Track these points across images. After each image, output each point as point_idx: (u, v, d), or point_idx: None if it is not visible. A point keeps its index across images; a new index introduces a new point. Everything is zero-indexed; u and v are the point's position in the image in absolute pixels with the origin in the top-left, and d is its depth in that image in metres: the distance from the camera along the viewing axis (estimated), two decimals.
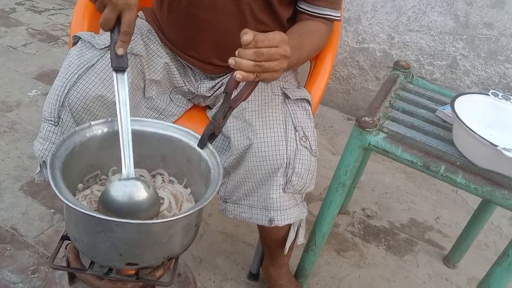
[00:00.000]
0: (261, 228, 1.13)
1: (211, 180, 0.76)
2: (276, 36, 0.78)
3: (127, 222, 0.64)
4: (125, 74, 0.78)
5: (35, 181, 1.07)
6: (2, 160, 1.57)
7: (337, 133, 2.11)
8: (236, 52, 0.77)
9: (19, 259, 1.25)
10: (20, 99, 1.90)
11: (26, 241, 1.31)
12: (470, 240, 1.47)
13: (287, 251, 1.11)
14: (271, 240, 1.14)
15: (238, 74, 0.76)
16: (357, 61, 2.11)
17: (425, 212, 1.76)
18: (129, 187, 0.72)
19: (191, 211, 0.66)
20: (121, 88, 0.77)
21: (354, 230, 1.61)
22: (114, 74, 0.78)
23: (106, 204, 0.70)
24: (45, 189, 1.48)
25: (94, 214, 0.62)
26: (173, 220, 0.64)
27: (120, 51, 0.78)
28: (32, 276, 1.22)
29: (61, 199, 0.63)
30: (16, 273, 1.22)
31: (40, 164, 1.04)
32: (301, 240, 1.10)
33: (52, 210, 1.42)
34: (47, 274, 1.22)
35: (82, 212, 0.62)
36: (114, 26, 0.78)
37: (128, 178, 0.73)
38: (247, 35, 0.75)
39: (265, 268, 1.26)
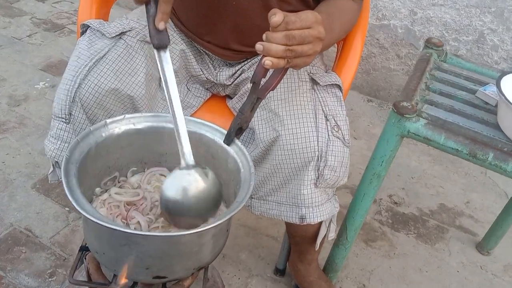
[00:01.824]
0: (289, 224, 1.06)
1: (241, 181, 0.68)
2: (309, 16, 0.69)
3: (152, 235, 0.57)
4: (168, 51, 0.69)
5: (49, 181, 1.01)
6: (13, 157, 1.51)
7: (357, 116, 2.02)
8: (264, 36, 0.68)
9: (35, 262, 1.20)
10: (28, 92, 1.83)
11: (41, 243, 1.25)
12: (506, 226, 1.39)
13: (318, 247, 1.04)
14: (300, 237, 1.07)
15: (267, 61, 0.68)
16: (377, 39, 2.01)
17: (454, 196, 1.68)
18: (192, 176, 0.64)
19: (224, 219, 0.59)
20: (167, 68, 0.68)
21: (381, 218, 1.53)
22: (156, 52, 0.69)
23: (168, 198, 0.64)
24: (58, 186, 1.42)
25: (117, 228, 0.55)
26: (204, 230, 0.57)
27: (161, 25, 0.68)
28: (49, 279, 1.16)
29: (80, 212, 0.56)
30: (33, 277, 1.16)
31: (53, 164, 0.98)
32: (332, 235, 1.03)
33: (67, 209, 1.36)
34: (65, 277, 1.17)
35: (104, 226, 0.55)
36: None
37: (188, 167, 0.66)
38: (277, 16, 0.66)
39: (292, 264, 1.20)
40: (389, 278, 1.33)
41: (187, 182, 0.63)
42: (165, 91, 0.69)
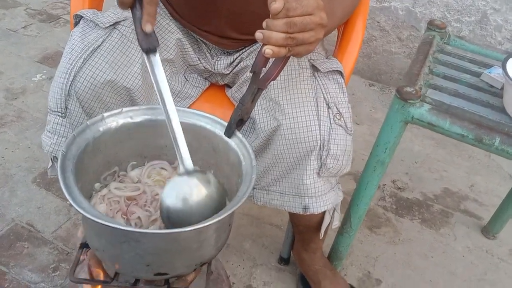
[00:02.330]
0: (292, 213, 1.05)
1: (243, 174, 0.67)
2: (310, 1, 0.66)
3: (151, 233, 0.55)
4: (157, 54, 0.68)
5: (49, 176, 0.99)
6: (12, 151, 1.50)
7: (359, 101, 1.99)
8: (264, 23, 0.66)
9: (38, 257, 1.19)
10: (25, 85, 1.80)
11: (44, 237, 1.24)
12: None
13: (322, 236, 1.03)
14: (304, 226, 1.06)
15: (267, 50, 0.65)
16: (377, 22, 1.97)
17: (458, 180, 1.66)
18: (192, 181, 0.63)
19: (225, 214, 0.58)
20: (158, 72, 0.67)
21: (385, 204, 1.52)
22: (145, 56, 0.68)
23: (169, 207, 0.62)
24: (58, 180, 1.41)
25: (115, 226, 0.54)
26: (204, 226, 0.55)
27: (148, 28, 0.66)
28: (53, 274, 1.16)
29: (77, 210, 0.55)
30: (36, 272, 1.16)
31: (51, 159, 0.96)
32: (336, 224, 1.02)
33: (68, 202, 1.35)
34: (69, 271, 1.16)
35: (102, 224, 0.54)
36: (134, 0, 0.67)
37: (187, 172, 0.64)
38: (277, 3, 0.64)
39: (297, 253, 1.19)
40: (394, 265, 1.33)
41: (187, 189, 0.62)
42: (158, 96, 0.67)
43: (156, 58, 0.67)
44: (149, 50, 0.67)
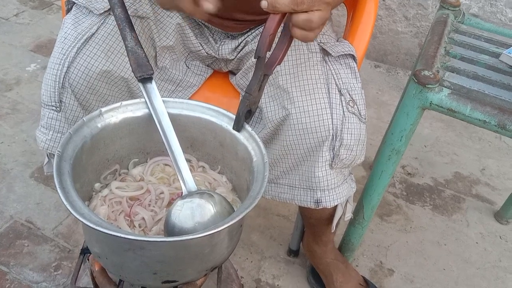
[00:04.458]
0: (303, 207, 1.00)
1: (254, 171, 0.61)
2: None
3: (159, 241, 0.50)
4: (153, 81, 0.67)
5: (45, 173, 0.94)
6: (8, 145, 1.45)
7: (365, 83, 1.92)
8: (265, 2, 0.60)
9: (39, 256, 1.15)
10: (19, 75, 1.74)
11: (44, 235, 1.20)
12: None
13: (334, 229, 0.99)
14: (315, 219, 1.01)
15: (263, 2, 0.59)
16: (383, 0, 1.90)
17: (469, 163, 1.61)
18: (195, 204, 0.60)
19: (238, 218, 0.53)
20: (156, 100, 0.66)
21: (396, 191, 1.47)
22: (141, 86, 0.66)
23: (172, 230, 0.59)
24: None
25: (118, 234, 0.49)
26: (216, 232, 0.51)
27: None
28: (55, 273, 1.12)
29: (75, 217, 0.50)
30: (37, 271, 1.12)
31: (47, 155, 0.91)
32: (349, 215, 0.97)
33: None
34: (71, 269, 1.12)
35: (103, 232, 0.49)
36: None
37: (190, 194, 0.62)
38: None
39: (307, 245, 1.14)
40: (407, 254, 1.29)
41: (192, 212, 0.58)
42: (156, 123, 0.66)
43: (153, 86, 0.66)
44: (144, 78, 0.66)
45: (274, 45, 0.66)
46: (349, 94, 0.83)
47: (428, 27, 1.87)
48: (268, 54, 0.66)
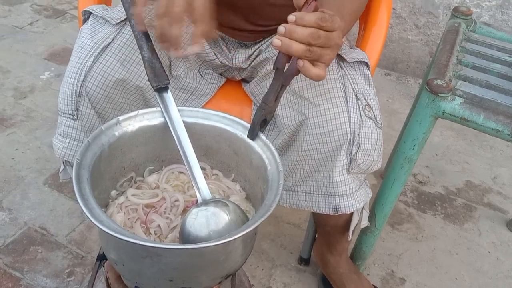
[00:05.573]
0: (318, 213, 1.00)
1: (268, 179, 0.62)
2: (337, 18, 0.62)
3: (176, 248, 0.51)
4: (169, 91, 0.68)
5: (60, 180, 0.96)
6: (22, 152, 1.47)
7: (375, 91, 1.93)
8: (290, 17, 0.61)
9: (53, 262, 1.16)
10: (33, 83, 1.77)
11: (57, 241, 1.21)
12: None
13: (350, 237, 0.98)
14: (331, 226, 1.00)
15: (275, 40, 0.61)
16: (393, 8, 1.90)
17: (480, 172, 1.61)
18: (210, 212, 0.61)
19: (253, 226, 0.53)
20: (172, 109, 0.67)
21: (407, 199, 1.47)
22: (157, 95, 0.68)
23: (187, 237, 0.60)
24: (70, 181, 1.37)
25: (137, 242, 0.50)
26: (232, 240, 0.51)
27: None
28: (68, 279, 1.13)
29: (95, 224, 0.51)
30: (51, 277, 1.13)
31: (63, 162, 0.92)
32: (365, 223, 0.96)
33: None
34: (84, 276, 1.13)
35: (123, 240, 0.50)
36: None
37: (205, 202, 0.63)
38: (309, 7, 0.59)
39: (320, 255, 1.14)
40: (418, 263, 1.28)
41: (207, 220, 0.60)
42: (172, 132, 0.67)
43: (169, 95, 0.68)
44: (161, 88, 0.67)
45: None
46: (365, 99, 0.83)
47: (438, 35, 1.87)
48: (286, 65, 0.67)
